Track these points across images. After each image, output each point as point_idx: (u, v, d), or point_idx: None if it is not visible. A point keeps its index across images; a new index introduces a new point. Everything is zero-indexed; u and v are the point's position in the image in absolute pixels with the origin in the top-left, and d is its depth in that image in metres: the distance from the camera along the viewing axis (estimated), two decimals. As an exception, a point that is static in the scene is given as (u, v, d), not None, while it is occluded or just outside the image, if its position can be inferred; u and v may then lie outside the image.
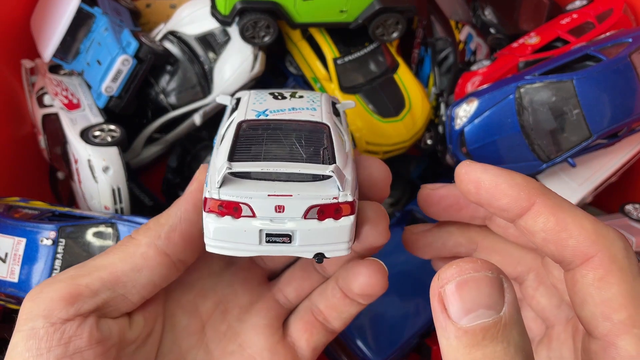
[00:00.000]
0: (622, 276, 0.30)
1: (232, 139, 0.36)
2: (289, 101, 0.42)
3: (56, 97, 0.73)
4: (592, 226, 0.31)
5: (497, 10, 0.81)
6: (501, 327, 0.26)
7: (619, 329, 0.29)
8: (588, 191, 0.72)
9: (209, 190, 0.34)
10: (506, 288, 0.27)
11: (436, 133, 0.80)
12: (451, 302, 0.27)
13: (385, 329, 0.72)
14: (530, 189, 0.33)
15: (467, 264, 0.27)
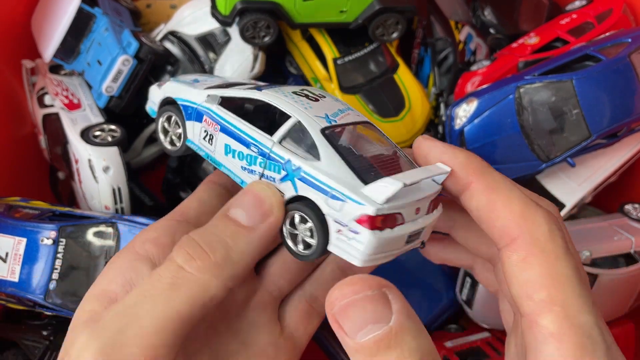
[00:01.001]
0: (543, 257, 0.32)
1: (336, 152, 0.35)
2: (326, 101, 0.41)
3: (57, 97, 0.73)
4: (519, 208, 0.33)
5: (496, 10, 0.81)
6: (392, 336, 0.28)
7: (540, 308, 0.31)
8: (587, 191, 0.72)
9: (366, 206, 0.33)
10: (392, 299, 0.29)
11: (436, 133, 0.80)
12: (343, 322, 0.29)
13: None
14: (469, 168, 0.35)
15: (347, 287, 0.29)
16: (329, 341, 0.75)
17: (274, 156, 0.37)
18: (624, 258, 0.68)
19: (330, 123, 0.37)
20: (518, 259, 0.33)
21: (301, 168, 0.35)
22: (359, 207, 0.33)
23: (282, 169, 0.37)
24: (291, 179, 0.36)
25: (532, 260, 0.32)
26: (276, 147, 0.37)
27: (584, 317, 0.31)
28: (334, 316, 0.30)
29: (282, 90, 0.40)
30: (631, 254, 0.68)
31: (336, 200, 0.34)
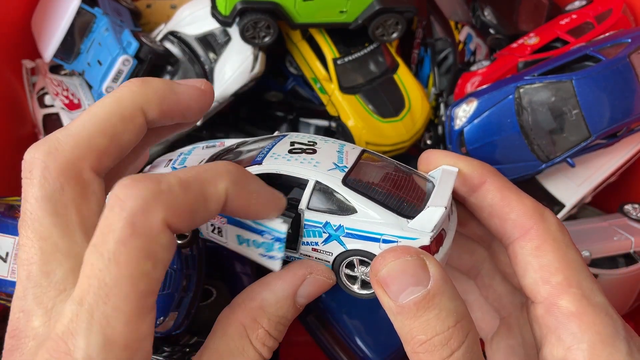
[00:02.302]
0: (556, 245, 0.35)
1: (366, 198, 0.36)
2: (323, 149, 0.40)
3: (57, 97, 0.73)
4: (531, 203, 0.37)
5: (496, 10, 0.81)
6: (430, 297, 0.31)
7: (558, 290, 0.34)
8: (587, 191, 0.72)
9: (420, 239, 0.34)
10: (429, 264, 0.32)
11: (436, 133, 0.80)
12: (387, 286, 0.32)
13: (385, 329, 0.72)
14: (483, 170, 0.38)
15: (389, 254, 0.32)
16: (330, 342, 0.75)
17: (309, 223, 0.37)
18: (624, 258, 0.68)
19: (344, 171, 0.38)
20: (532, 246, 0.35)
21: (343, 226, 0.36)
22: (414, 243, 0.34)
23: (323, 232, 0.37)
24: (336, 238, 0.36)
25: (547, 247, 0.35)
26: (307, 213, 0.37)
27: (599, 297, 0.33)
28: (378, 281, 0.32)
29: (277, 154, 0.39)
30: (631, 254, 0.68)
31: (389, 243, 0.35)
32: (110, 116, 0.34)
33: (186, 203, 0.30)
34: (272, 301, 0.36)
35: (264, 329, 0.35)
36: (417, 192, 0.38)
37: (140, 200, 0.29)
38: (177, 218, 0.30)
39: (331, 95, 0.78)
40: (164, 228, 0.29)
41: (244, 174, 0.34)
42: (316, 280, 0.37)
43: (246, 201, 0.33)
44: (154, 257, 0.29)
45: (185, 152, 0.46)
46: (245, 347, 0.35)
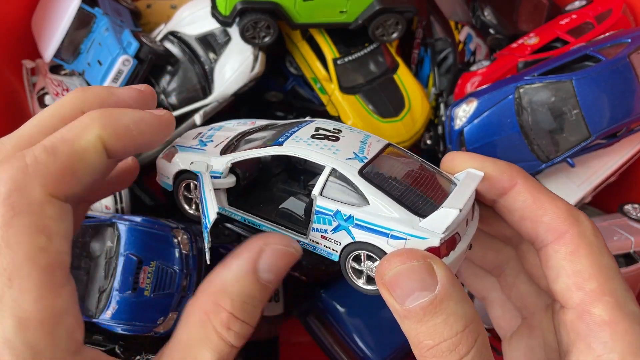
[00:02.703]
0: (591, 250, 0.34)
1: (380, 191, 0.35)
2: (346, 137, 0.40)
3: (57, 97, 0.73)
4: (565, 206, 0.36)
5: (496, 10, 0.81)
6: (437, 303, 0.30)
7: (591, 297, 0.33)
8: (587, 191, 0.72)
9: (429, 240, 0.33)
10: (437, 269, 0.31)
11: (436, 133, 0.80)
12: (393, 290, 0.31)
13: (385, 329, 0.72)
14: (513, 172, 0.37)
15: (395, 258, 0.32)
16: (330, 342, 0.75)
17: (321, 209, 0.36)
18: (624, 258, 0.68)
19: (363, 162, 0.37)
20: (567, 251, 0.34)
21: (353, 216, 0.35)
22: (423, 242, 0.33)
23: (333, 220, 0.36)
24: (345, 228, 0.36)
25: (581, 252, 0.34)
26: (320, 199, 0.36)
27: (632, 306, 0.33)
28: (384, 285, 0.32)
29: (299, 137, 0.39)
30: (631, 254, 0.68)
31: (398, 239, 0.34)
32: (51, 118, 0.35)
33: (59, 167, 0.30)
34: (232, 281, 0.33)
35: (228, 312, 0.33)
36: (438, 192, 0.37)
37: (10, 180, 0.29)
38: (57, 183, 0.30)
39: (331, 95, 0.78)
40: (47, 198, 0.29)
41: (112, 112, 0.34)
42: (274, 251, 0.35)
43: (128, 136, 0.33)
44: (46, 230, 0.29)
45: (215, 128, 0.46)
46: (208, 334, 0.33)
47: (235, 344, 0.33)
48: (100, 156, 0.32)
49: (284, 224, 0.39)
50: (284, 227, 0.38)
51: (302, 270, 0.74)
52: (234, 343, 0.33)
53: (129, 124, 0.34)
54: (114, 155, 0.33)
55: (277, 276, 0.35)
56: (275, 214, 0.39)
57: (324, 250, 0.38)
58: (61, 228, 0.30)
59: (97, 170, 0.33)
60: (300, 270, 0.75)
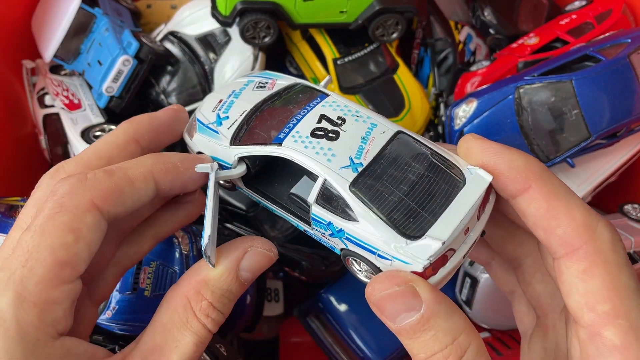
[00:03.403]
0: (607, 268, 0.32)
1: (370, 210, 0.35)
2: (347, 131, 0.38)
3: (57, 98, 0.73)
4: (582, 217, 0.33)
5: (496, 10, 0.81)
6: (424, 321, 0.32)
7: (603, 320, 0.31)
8: (587, 191, 0.72)
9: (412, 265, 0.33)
10: (420, 290, 0.32)
11: (436, 133, 0.80)
12: (382, 310, 0.33)
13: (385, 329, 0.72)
14: (528, 172, 0.34)
15: (378, 284, 0.33)
16: (330, 342, 0.75)
17: (316, 217, 0.37)
18: (624, 258, 0.68)
19: (357, 170, 0.36)
20: (579, 269, 0.32)
21: (344, 230, 0.36)
22: (407, 266, 0.33)
23: (327, 229, 0.37)
24: (338, 237, 0.37)
25: (595, 271, 0.32)
26: (314, 207, 0.37)
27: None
28: (373, 305, 0.34)
29: (299, 134, 0.38)
30: (631, 254, 0.68)
31: (384, 259, 0.35)
32: (107, 145, 0.40)
33: (111, 185, 0.35)
34: (216, 275, 0.37)
35: (208, 301, 0.36)
36: (438, 198, 0.35)
37: (67, 185, 0.34)
38: (105, 199, 0.34)
39: (331, 95, 0.78)
40: (90, 208, 0.34)
41: (163, 153, 0.39)
42: (256, 253, 0.38)
43: (175, 171, 0.38)
44: (77, 232, 0.33)
45: (236, 92, 0.46)
46: (189, 318, 0.36)
47: (212, 330, 0.37)
48: (148, 185, 0.37)
49: (295, 211, 0.40)
50: (293, 215, 0.40)
51: (302, 271, 0.74)
52: (211, 329, 0.37)
53: (176, 161, 0.39)
54: (162, 188, 0.38)
55: (254, 276, 0.38)
56: (287, 198, 0.40)
57: (327, 242, 0.39)
58: (89, 236, 0.34)
59: (143, 198, 0.37)
60: (300, 270, 0.75)
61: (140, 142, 0.41)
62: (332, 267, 0.74)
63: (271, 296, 0.82)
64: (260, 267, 0.38)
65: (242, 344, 0.78)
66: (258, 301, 0.74)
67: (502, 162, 0.35)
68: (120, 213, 0.36)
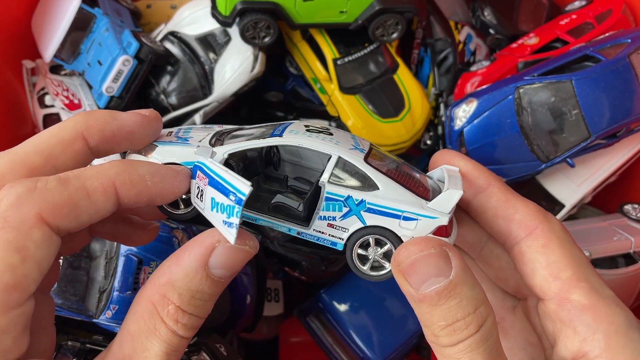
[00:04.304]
0: (561, 242, 0.36)
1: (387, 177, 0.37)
2: (339, 134, 0.41)
3: (57, 98, 0.73)
4: (535, 206, 0.38)
5: (496, 11, 0.81)
6: (452, 287, 0.32)
7: (568, 285, 0.35)
8: (587, 191, 0.72)
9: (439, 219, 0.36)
10: (452, 256, 0.33)
11: (436, 133, 0.80)
12: (409, 276, 0.33)
13: (385, 329, 0.72)
14: (489, 174, 0.40)
15: (413, 246, 0.34)
16: (330, 342, 0.75)
17: (331, 196, 0.37)
18: (624, 258, 0.68)
19: (363, 152, 0.39)
20: (539, 244, 0.36)
21: (365, 200, 0.37)
22: (434, 221, 0.36)
23: (344, 206, 0.37)
24: (356, 212, 0.37)
25: (552, 245, 0.36)
26: (329, 186, 0.37)
27: (607, 291, 0.35)
28: (401, 272, 0.34)
29: (296, 131, 0.39)
30: (631, 254, 0.68)
31: (409, 220, 0.36)
32: (50, 139, 0.35)
33: (64, 197, 0.31)
34: (180, 275, 0.33)
35: (175, 305, 0.33)
36: (423, 185, 0.39)
37: (13, 196, 0.30)
38: (55, 213, 0.31)
39: (331, 95, 0.78)
40: (38, 223, 0.30)
41: (129, 162, 0.35)
42: (227, 249, 0.34)
43: (142, 185, 0.34)
44: (24, 251, 0.29)
45: (184, 128, 0.44)
46: (156, 325, 0.33)
47: (185, 335, 0.34)
48: (108, 199, 0.33)
49: (282, 217, 0.39)
50: (282, 220, 0.39)
51: (302, 271, 0.75)
52: (183, 334, 0.33)
53: (145, 174, 0.35)
54: (125, 202, 0.34)
55: (231, 272, 0.35)
56: (268, 209, 0.39)
57: (328, 239, 0.39)
58: (38, 255, 0.30)
59: (101, 212, 0.33)
60: (300, 270, 0.75)
61: (89, 141, 0.36)
62: (332, 267, 0.74)
63: (271, 296, 0.82)
64: (236, 262, 0.34)
65: (242, 344, 0.78)
66: (258, 301, 0.74)
67: (468, 165, 0.40)
68: (73, 228, 0.32)
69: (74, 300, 0.58)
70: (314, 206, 0.38)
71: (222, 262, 0.34)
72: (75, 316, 0.58)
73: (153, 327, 0.33)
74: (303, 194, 0.40)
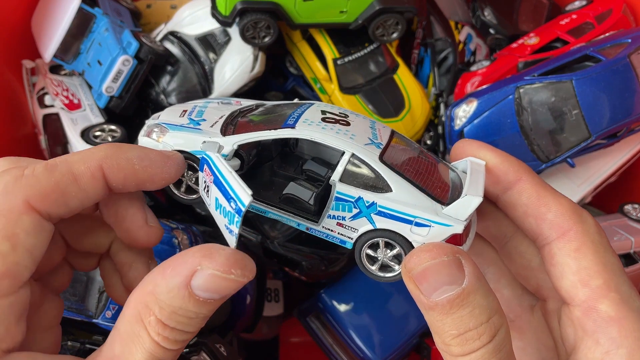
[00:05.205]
0: (595, 247, 0.34)
1: (402, 178, 0.35)
2: (355, 122, 0.39)
3: (57, 98, 0.73)
4: (569, 204, 0.36)
5: (496, 10, 0.81)
6: (464, 296, 0.31)
7: (597, 294, 0.33)
8: (587, 191, 0.72)
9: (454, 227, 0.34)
10: (465, 263, 0.32)
11: (436, 133, 0.80)
12: (420, 283, 0.32)
13: (385, 329, 0.72)
14: (519, 166, 0.37)
15: (425, 253, 0.32)
16: (330, 342, 0.75)
17: (341, 196, 0.36)
18: (624, 258, 0.68)
19: (380, 147, 0.37)
20: (572, 248, 0.34)
21: (376, 203, 0.35)
22: (447, 229, 0.34)
23: (354, 207, 0.36)
24: (366, 214, 0.35)
25: (585, 249, 0.34)
26: (340, 185, 0.35)
27: (638, 302, 0.33)
28: (412, 279, 0.32)
29: (310, 120, 0.37)
30: (631, 254, 0.68)
31: (422, 227, 0.34)
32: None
33: (51, 183, 0.31)
34: (163, 289, 0.31)
35: (156, 317, 0.31)
36: (442, 181, 0.37)
37: (0, 185, 0.31)
38: (43, 199, 0.31)
39: (331, 95, 0.78)
40: (26, 210, 0.30)
41: (116, 145, 0.35)
42: (208, 276, 0.31)
43: (130, 169, 0.34)
44: (13, 238, 0.30)
45: (200, 105, 0.43)
46: (140, 332, 0.32)
47: (169, 347, 0.32)
48: (96, 183, 0.33)
49: (291, 211, 0.38)
50: (292, 214, 0.38)
51: (302, 271, 0.74)
52: (167, 346, 0.32)
53: (133, 157, 0.34)
54: (113, 185, 0.34)
55: (219, 295, 0.32)
56: (279, 200, 0.38)
57: (337, 237, 0.37)
58: (29, 242, 0.31)
59: (91, 197, 0.33)
60: (300, 270, 0.75)
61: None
62: (332, 267, 0.74)
63: (271, 296, 0.82)
64: (220, 289, 0.31)
65: (242, 344, 0.78)
66: (258, 301, 0.74)
67: (496, 157, 0.38)
68: (64, 214, 0.32)
69: (74, 301, 0.58)
70: (325, 200, 0.36)
71: (205, 286, 0.31)
72: (75, 316, 0.58)
73: (137, 334, 0.32)
74: (318, 181, 0.38)
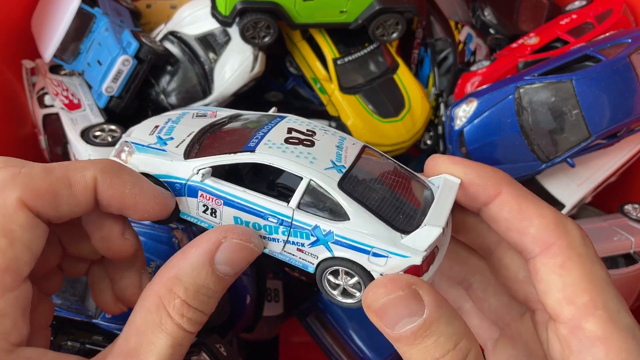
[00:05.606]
0: (581, 261, 0.33)
1: (361, 206, 0.34)
2: (321, 141, 0.38)
3: (57, 97, 0.73)
4: (552, 216, 0.34)
5: (496, 10, 0.81)
6: (427, 326, 0.30)
7: (583, 312, 0.32)
8: (587, 191, 0.72)
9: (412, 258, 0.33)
10: (423, 294, 0.31)
11: (436, 133, 0.80)
12: (381, 318, 0.31)
13: (385, 329, 0.72)
14: (498, 178, 0.36)
15: (379, 289, 0.32)
16: (330, 342, 0.75)
17: (298, 224, 0.35)
18: (624, 258, 0.68)
19: (341, 171, 0.35)
20: (556, 264, 0.33)
21: (333, 232, 0.34)
22: (405, 260, 0.33)
23: (311, 235, 0.35)
24: (324, 243, 0.35)
25: (571, 265, 0.32)
26: (297, 213, 0.35)
27: (626, 319, 0.32)
28: (373, 313, 0.32)
29: (272, 142, 0.37)
30: (631, 254, 0.68)
31: (379, 257, 0.33)
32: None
33: (45, 184, 0.32)
34: (187, 270, 0.34)
35: (181, 299, 0.33)
36: (415, 200, 0.36)
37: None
38: (36, 198, 0.32)
39: (331, 95, 0.78)
40: (20, 207, 0.31)
41: (117, 164, 0.36)
42: (233, 245, 0.34)
43: (120, 190, 0.35)
44: (10, 234, 0.31)
45: (173, 120, 0.43)
46: (163, 319, 0.33)
47: (190, 330, 0.34)
48: (87, 192, 0.34)
49: None
50: None
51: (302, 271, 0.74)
52: (188, 329, 0.34)
53: (127, 181, 0.35)
54: (98, 200, 0.35)
55: (235, 269, 0.35)
56: None
57: (299, 262, 0.37)
58: (25, 237, 0.31)
59: (81, 206, 0.34)
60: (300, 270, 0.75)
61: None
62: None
63: (271, 296, 0.82)
64: (241, 259, 0.35)
65: (242, 344, 0.78)
66: (258, 301, 0.74)
67: (471, 172, 0.36)
68: (53, 218, 0.33)
69: (74, 301, 0.58)
70: None
71: (228, 257, 0.34)
72: (75, 316, 0.58)
73: (159, 321, 0.33)
74: (290, 197, 0.38)
